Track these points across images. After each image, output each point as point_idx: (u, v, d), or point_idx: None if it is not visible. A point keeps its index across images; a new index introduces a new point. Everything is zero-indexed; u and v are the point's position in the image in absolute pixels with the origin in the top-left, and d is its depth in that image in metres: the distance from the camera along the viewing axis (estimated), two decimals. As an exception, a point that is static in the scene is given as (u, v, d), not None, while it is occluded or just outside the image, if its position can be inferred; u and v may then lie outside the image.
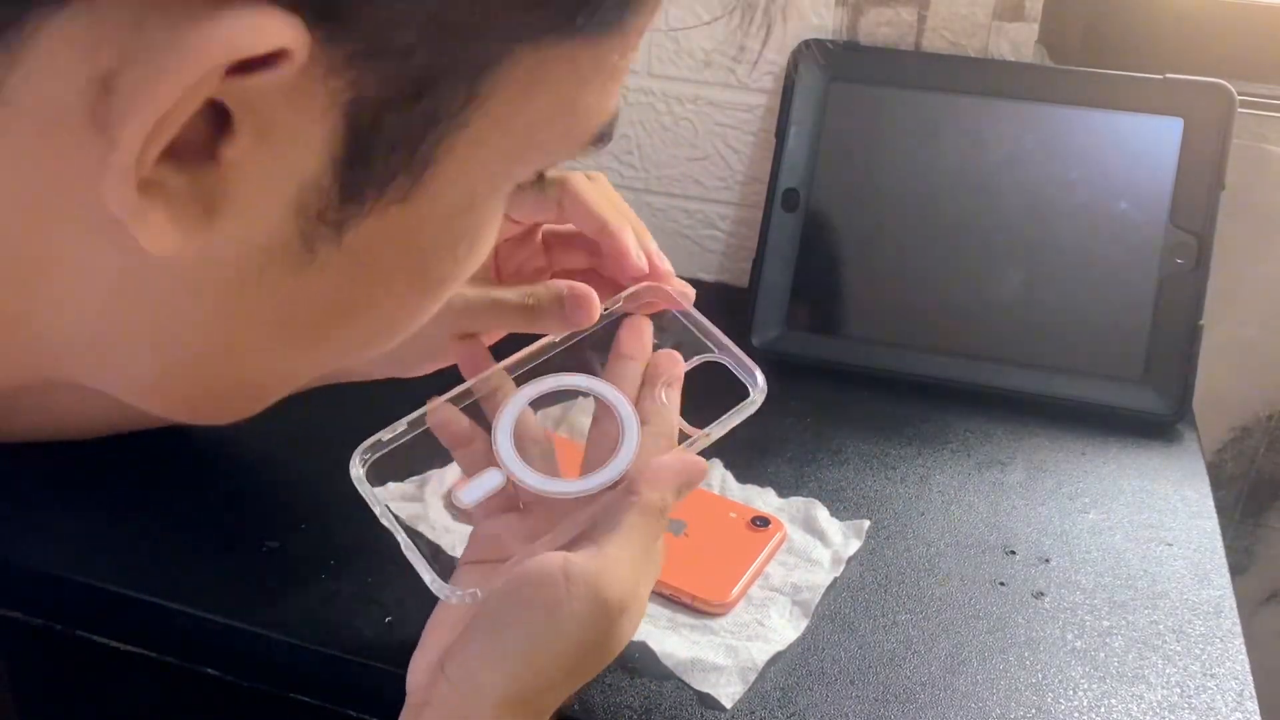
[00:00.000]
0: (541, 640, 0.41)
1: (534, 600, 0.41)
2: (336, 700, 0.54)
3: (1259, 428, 0.93)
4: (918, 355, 0.80)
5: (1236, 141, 0.76)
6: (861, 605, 0.57)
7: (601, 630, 0.42)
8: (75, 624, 0.58)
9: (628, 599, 0.43)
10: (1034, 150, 0.80)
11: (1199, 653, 0.55)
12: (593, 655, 0.43)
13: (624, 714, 0.49)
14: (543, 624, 0.41)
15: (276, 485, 0.64)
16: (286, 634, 0.53)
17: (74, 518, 0.60)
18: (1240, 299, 0.88)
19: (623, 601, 0.42)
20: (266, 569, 0.57)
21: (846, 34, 0.87)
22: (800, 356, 0.81)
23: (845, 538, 0.61)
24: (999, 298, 0.80)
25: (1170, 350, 0.76)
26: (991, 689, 0.52)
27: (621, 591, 0.42)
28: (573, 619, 0.41)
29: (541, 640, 0.41)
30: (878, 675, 0.52)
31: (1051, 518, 0.66)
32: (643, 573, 0.44)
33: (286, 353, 0.29)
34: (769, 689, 0.51)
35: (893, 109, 0.82)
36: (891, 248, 0.82)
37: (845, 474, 0.68)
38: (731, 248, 0.97)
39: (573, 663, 0.42)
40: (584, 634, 0.42)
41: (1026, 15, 0.83)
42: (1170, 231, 0.77)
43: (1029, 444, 0.74)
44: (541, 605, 0.41)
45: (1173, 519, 0.66)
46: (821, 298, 0.83)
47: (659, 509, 0.44)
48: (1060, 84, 0.79)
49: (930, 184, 0.81)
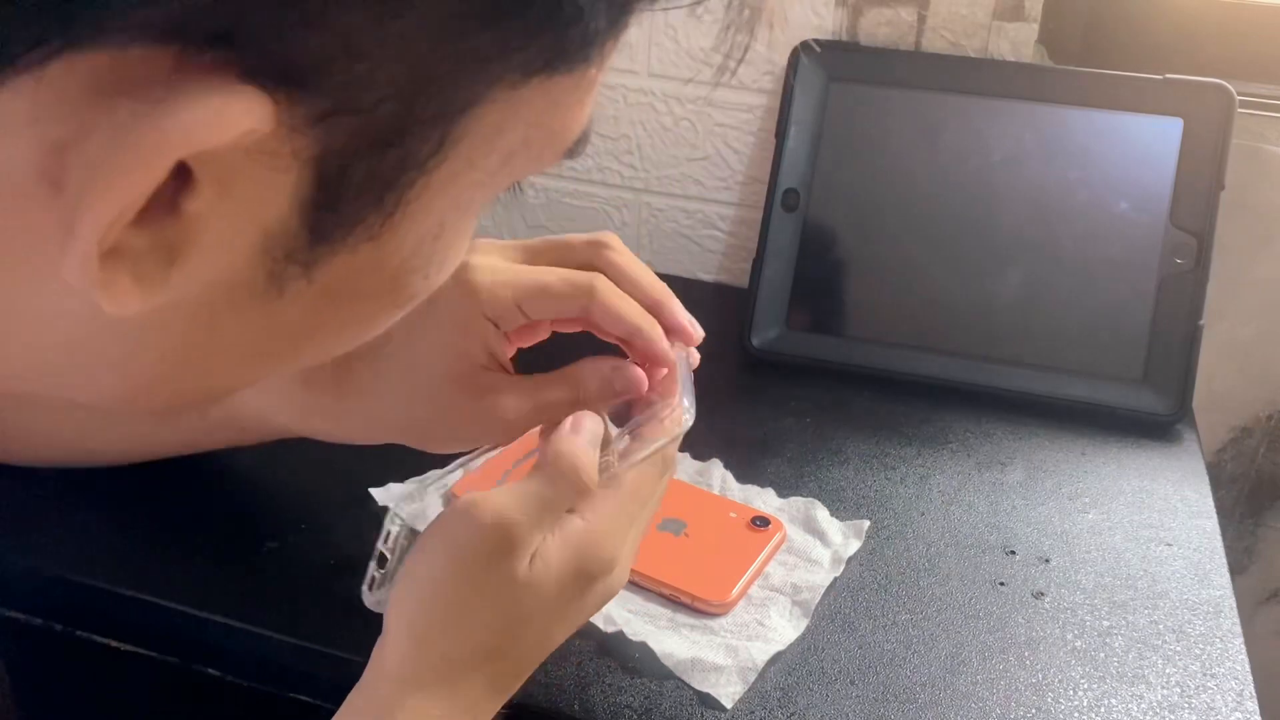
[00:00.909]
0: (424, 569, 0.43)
1: (429, 534, 0.44)
2: (336, 700, 0.54)
3: (1259, 428, 0.93)
4: (918, 355, 0.80)
5: (1236, 141, 0.76)
6: (861, 605, 0.57)
7: (478, 561, 0.43)
8: (75, 624, 0.58)
9: (504, 531, 0.42)
10: (1034, 150, 0.80)
11: (1199, 653, 0.55)
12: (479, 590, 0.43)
13: (624, 714, 0.49)
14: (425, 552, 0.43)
15: (276, 485, 0.64)
16: (286, 634, 0.53)
17: (74, 518, 0.60)
18: (1240, 299, 0.88)
19: (496, 531, 0.42)
20: (266, 569, 0.57)
21: (846, 34, 0.87)
22: (800, 356, 0.81)
23: (845, 538, 0.61)
24: (999, 298, 0.80)
25: (1170, 350, 0.76)
26: (991, 689, 0.52)
27: (493, 520, 0.42)
28: (445, 546, 0.43)
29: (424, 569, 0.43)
30: (878, 675, 0.52)
31: (1051, 518, 0.66)
32: (531, 511, 0.43)
33: (253, 367, 0.29)
34: (769, 689, 0.51)
35: (893, 109, 0.82)
36: (891, 248, 0.82)
37: (845, 474, 0.68)
38: (731, 248, 0.97)
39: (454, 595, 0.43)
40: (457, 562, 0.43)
41: (1026, 15, 0.83)
42: (1170, 231, 0.77)
43: (1029, 444, 0.74)
44: (427, 535, 0.44)
45: (1173, 519, 0.66)
46: (821, 298, 0.83)
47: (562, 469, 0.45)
48: (1060, 84, 0.79)
49: (930, 184, 0.81)
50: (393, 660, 0.43)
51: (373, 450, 0.56)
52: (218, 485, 0.64)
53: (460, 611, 0.43)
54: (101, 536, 0.59)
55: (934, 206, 0.81)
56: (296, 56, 0.20)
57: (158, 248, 0.22)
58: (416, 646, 0.43)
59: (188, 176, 0.21)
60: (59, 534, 0.59)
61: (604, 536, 0.45)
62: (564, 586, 0.44)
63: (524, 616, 0.44)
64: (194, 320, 0.25)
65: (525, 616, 0.44)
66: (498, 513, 0.43)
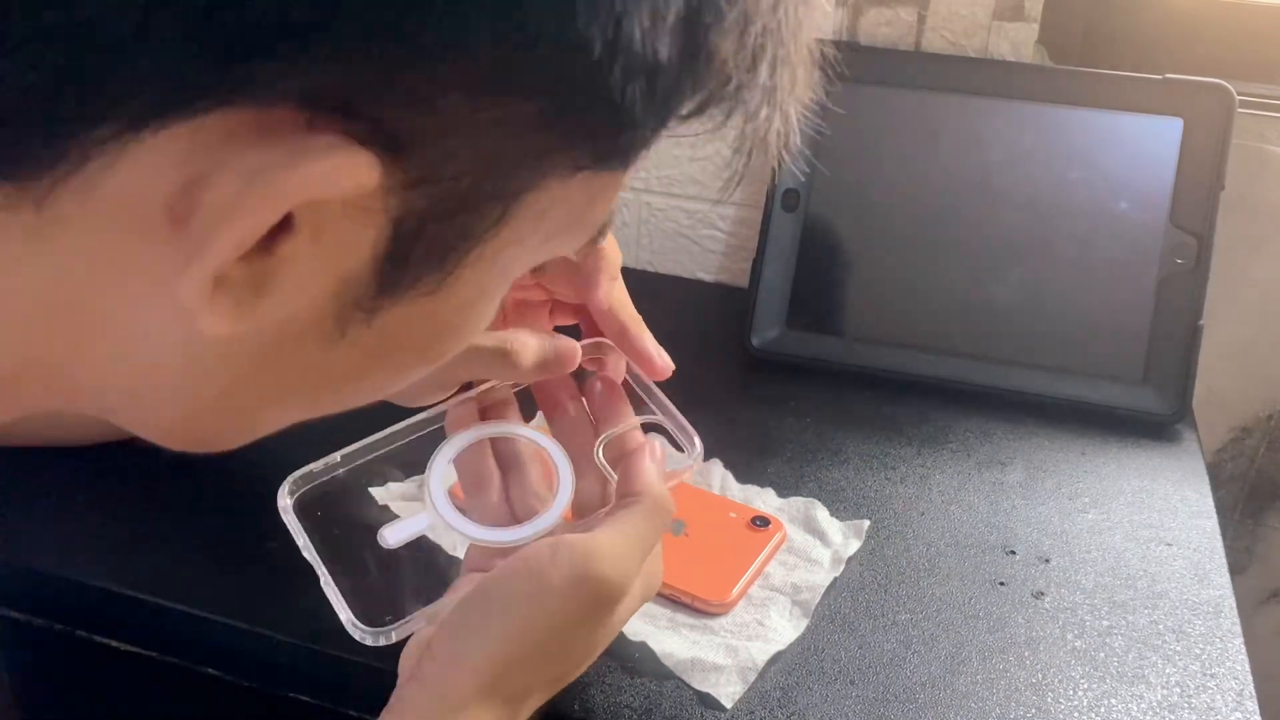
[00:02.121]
0: (523, 612, 0.41)
1: (520, 573, 0.42)
2: (336, 700, 0.54)
3: (1259, 428, 0.93)
4: (918, 355, 0.80)
5: (1236, 141, 0.76)
6: (861, 605, 0.57)
7: (586, 609, 0.42)
8: (75, 624, 0.58)
9: (617, 581, 0.42)
10: (1034, 150, 0.80)
11: (1199, 653, 0.55)
12: (578, 639, 0.43)
13: (624, 714, 0.49)
14: (525, 595, 0.41)
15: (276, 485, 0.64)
16: (286, 634, 0.53)
17: (74, 518, 0.60)
18: (1240, 299, 0.88)
19: (611, 582, 0.42)
20: (266, 569, 0.57)
21: (846, 34, 0.87)
22: (800, 356, 0.81)
23: (845, 538, 0.61)
24: (999, 298, 0.80)
25: (1170, 350, 0.76)
26: (991, 689, 0.52)
27: (611, 571, 0.42)
28: (555, 593, 0.41)
29: (523, 612, 0.41)
30: (878, 675, 0.52)
31: (1051, 518, 0.66)
32: (635, 559, 0.44)
33: (298, 408, 0.32)
34: (769, 689, 0.51)
35: (893, 109, 0.82)
36: (891, 248, 0.82)
37: (845, 474, 0.68)
38: (731, 248, 0.97)
39: (556, 642, 0.42)
40: (567, 608, 0.42)
41: (1026, 15, 0.83)
42: (1170, 231, 0.77)
43: (1029, 444, 0.74)
44: (526, 577, 0.42)
45: (1173, 519, 0.66)
46: (821, 298, 0.83)
47: (662, 506, 0.45)
48: (1060, 84, 0.79)
49: (930, 184, 0.81)
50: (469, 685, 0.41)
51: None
52: (218, 485, 0.64)
53: (560, 648, 0.43)
54: (101, 536, 0.59)
55: (934, 206, 0.81)
56: (404, 128, 0.23)
57: (251, 281, 0.25)
58: (502, 675, 0.41)
59: (288, 221, 0.24)
60: (59, 534, 0.59)
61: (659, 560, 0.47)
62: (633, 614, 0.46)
63: (601, 648, 0.45)
64: (264, 351, 0.28)
65: (602, 647, 0.45)
66: (618, 564, 0.43)
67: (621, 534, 0.43)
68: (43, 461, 0.63)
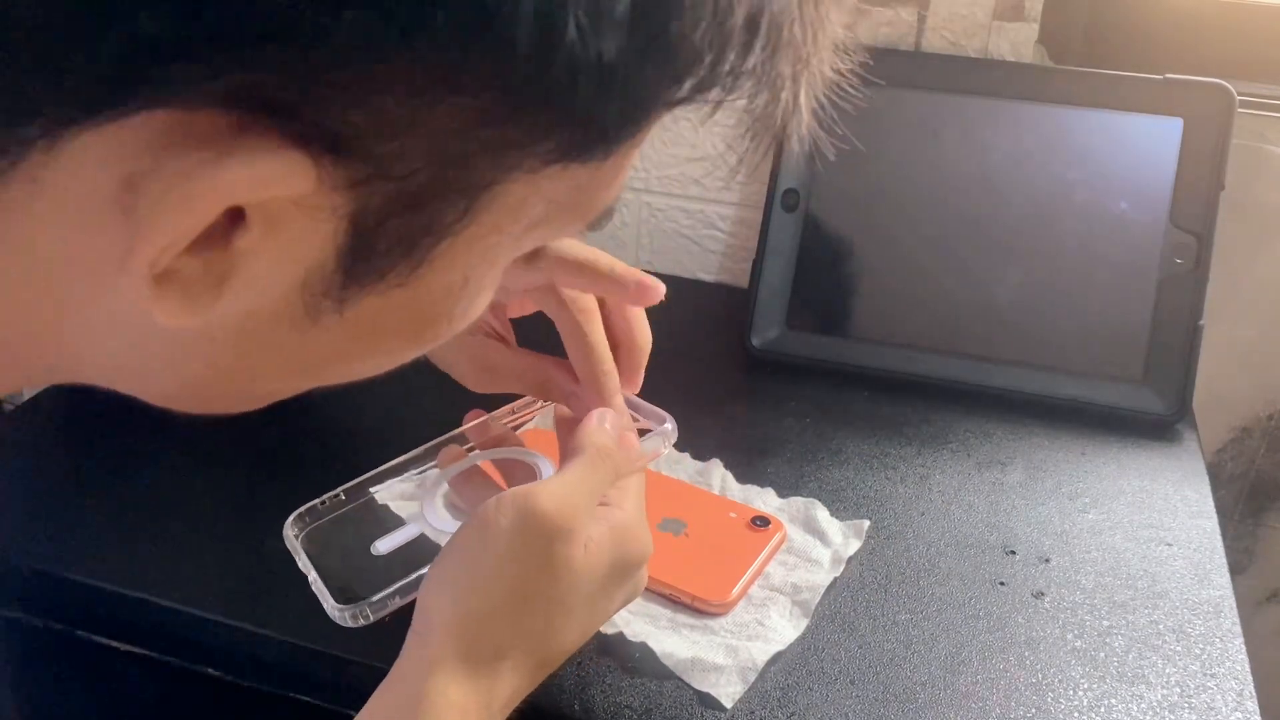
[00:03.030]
0: (475, 561, 0.43)
1: (470, 527, 0.44)
2: (336, 700, 0.54)
3: (1259, 428, 0.93)
4: (918, 355, 0.80)
5: (1236, 141, 0.76)
6: (861, 605, 0.57)
7: (533, 548, 0.43)
8: (75, 624, 0.58)
9: (560, 517, 0.43)
10: (1034, 150, 0.80)
11: (1199, 653, 0.55)
12: (536, 586, 0.43)
13: (624, 714, 0.49)
14: (475, 546, 0.43)
15: (277, 485, 0.64)
16: (286, 634, 0.53)
17: (74, 518, 0.60)
18: (1240, 299, 0.88)
19: (552, 517, 0.43)
20: (266, 569, 0.57)
21: (846, 34, 0.87)
22: (800, 356, 0.81)
23: (845, 538, 0.61)
24: (999, 298, 0.80)
25: (1170, 350, 0.76)
26: (991, 689, 0.52)
27: (551, 506, 0.43)
28: (501, 535, 0.43)
29: (475, 561, 0.43)
30: (878, 675, 0.52)
31: (1051, 518, 0.66)
32: (578, 500, 0.44)
33: (293, 381, 0.32)
34: (769, 689, 0.51)
35: (893, 109, 0.82)
36: (891, 248, 0.82)
37: (845, 474, 0.68)
38: (731, 248, 0.97)
39: (513, 589, 0.43)
40: (514, 548, 0.43)
41: (1026, 15, 0.83)
42: (1170, 231, 0.77)
43: (1029, 444, 0.74)
44: (475, 528, 0.43)
45: (1173, 519, 0.66)
46: (821, 298, 0.83)
47: (604, 453, 0.46)
48: (1060, 84, 0.79)
49: (930, 184, 0.81)
50: (437, 644, 0.43)
51: (373, 449, 0.56)
52: (218, 485, 0.64)
53: (518, 598, 0.43)
54: (101, 536, 0.59)
55: (934, 206, 0.81)
56: (340, 129, 0.23)
57: (209, 274, 0.25)
58: (467, 631, 0.43)
59: (241, 217, 0.24)
60: (59, 534, 0.59)
61: (639, 528, 0.47)
62: (609, 575, 0.46)
63: (573, 604, 0.45)
64: (237, 339, 0.28)
65: (574, 604, 0.45)
66: (559, 500, 0.44)
67: (561, 479, 0.45)
68: (44, 461, 0.63)
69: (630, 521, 0.47)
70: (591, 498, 0.46)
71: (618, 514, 0.46)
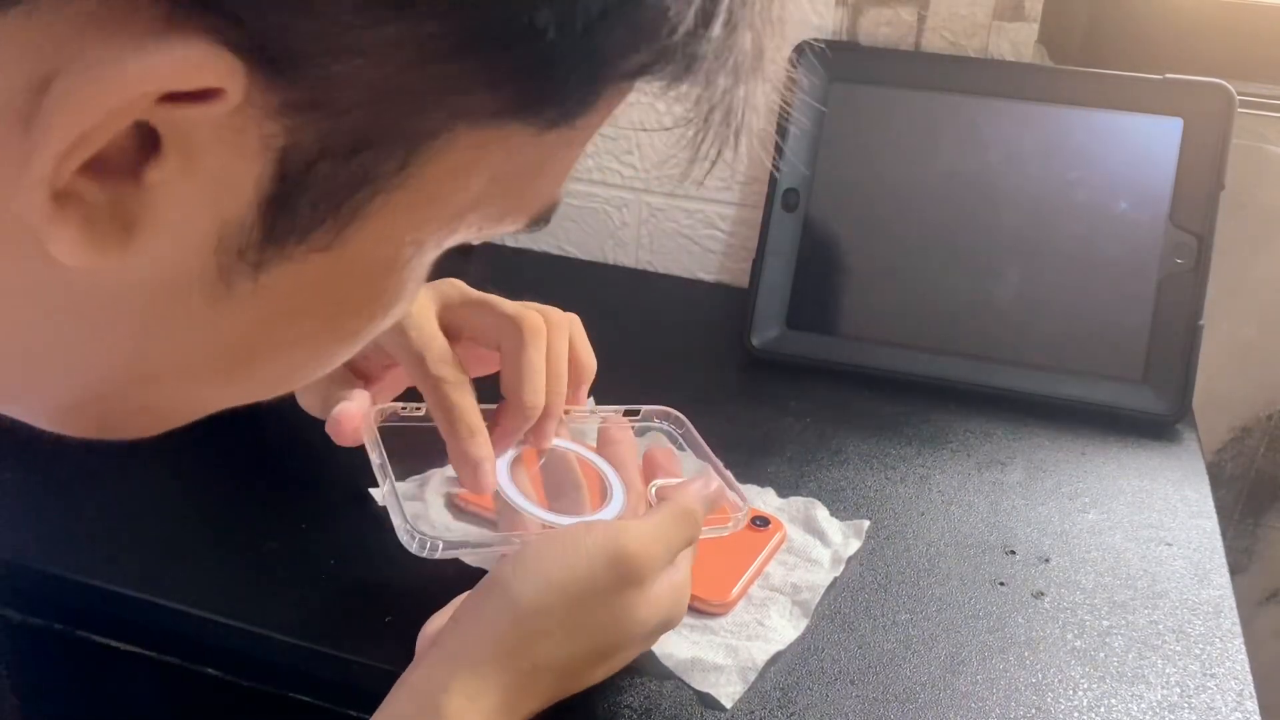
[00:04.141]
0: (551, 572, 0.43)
1: (555, 539, 0.44)
2: (336, 700, 0.54)
3: (1259, 428, 0.93)
4: (918, 355, 0.80)
5: (1236, 141, 0.76)
6: (861, 605, 0.57)
7: (609, 580, 0.43)
8: (75, 624, 0.58)
9: (642, 560, 0.44)
10: (1034, 150, 0.80)
11: (1199, 653, 0.55)
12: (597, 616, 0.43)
13: (624, 714, 0.49)
14: (556, 558, 0.43)
15: (276, 485, 0.64)
16: (286, 634, 0.53)
17: (74, 518, 0.60)
18: (1240, 299, 0.88)
19: (637, 559, 0.44)
20: (266, 569, 0.57)
21: (846, 34, 0.87)
22: (800, 356, 0.81)
23: (845, 538, 0.61)
24: (999, 298, 0.80)
25: (1170, 350, 0.76)
26: (991, 689, 0.52)
27: (638, 548, 0.44)
28: (583, 557, 0.43)
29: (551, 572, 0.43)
30: (878, 675, 0.52)
31: (1051, 518, 0.66)
32: (660, 549, 0.45)
33: (195, 385, 0.29)
34: (769, 689, 0.51)
35: (893, 109, 0.82)
36: (891, 248, 0.82)
37: (845, 474, 0.68)
38: (731, 248, 0.97)
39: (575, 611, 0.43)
40: (594, 573, 0.43)
41: (1026, 15, 0.83)
42: (1170, 231, 0.77)
43: (1029, 444, 0.74)
44: (560, 542, 0.44)
45: (1173, 519, 0.66)
46: (821, 298, 0.83)
47: (690, 514, 0.48)
48: (1060, 84, 0.79)
49: (930, 184, 0.81)
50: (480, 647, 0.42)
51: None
52: (218, 485, 0.64)
53: (574, 624, 0.43)
54: (101, 536, 0.59)
55: (934, 206, 0.81)
56: (280, 40, 0.21)
57: (117, 211, 0.22)
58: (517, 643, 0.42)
59: (155, 146, 0.22)
60: (59, 534, 0.59)
61: (686, 591, 0.48)
62: (654, 629, 0.47)
63: (617, 647, 0.46)
64: (145, 310, 0.25)
65: (618, 647, 0.46)
66: (645, 547, 0.44)
67: (651, 524, 0.46)
68: (43, 461, 0.63)
69: (685, 586, 0.48)
70: (670, 554, 0.47)
71: (677, 576, 0.47)
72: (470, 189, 0.26)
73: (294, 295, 0.26)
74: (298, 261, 0.25)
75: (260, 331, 0.27)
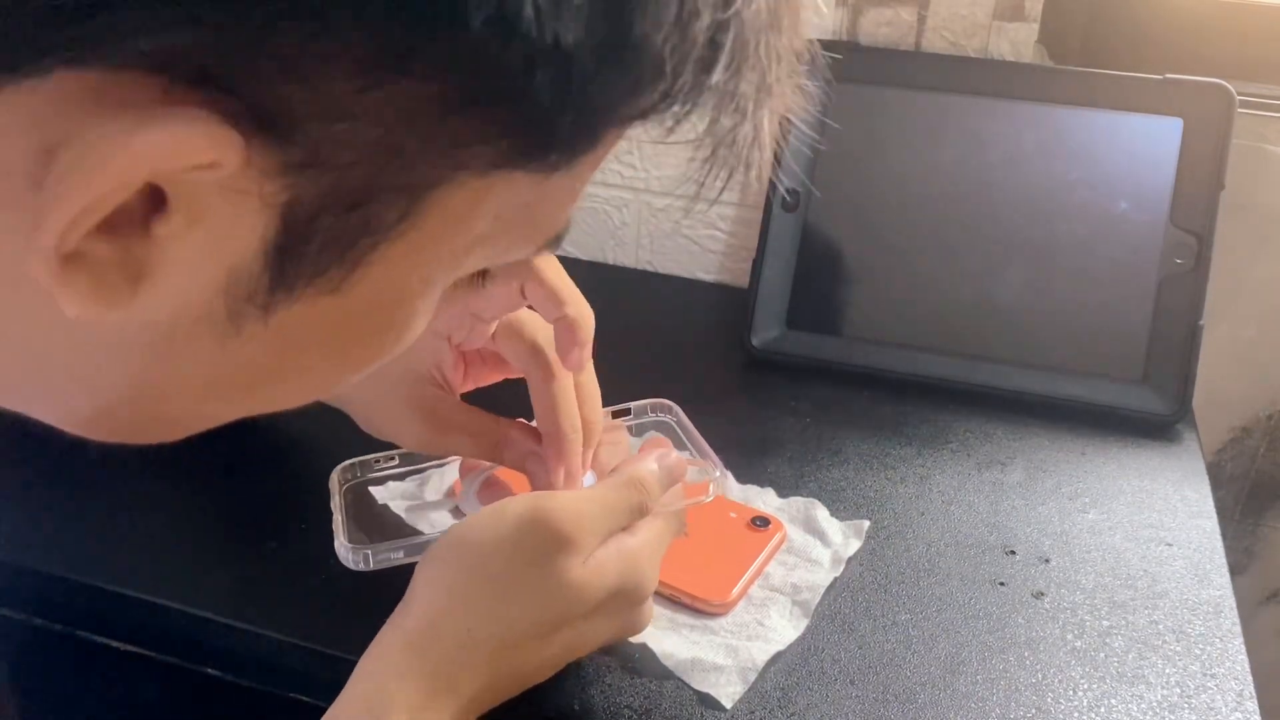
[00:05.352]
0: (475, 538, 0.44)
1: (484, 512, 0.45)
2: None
3: (1259, 428, 0.93)
4: (918, 355, 0.80)
5: (1236, 141, 0.76)
6: (861, 605, 0.57)
7: (533, 546, 0.43)
8: (75, 624, 0.58)
9: (567, 526, 0.43)
10: (1034, 150, 0.80)
11: (1199, 653, 0.55)
12: (523, 583, 0.43)
13: (624, 714, 0.49)
14: (481, 526, 0.44)
15: (277, 485, 0.64)
16: (286, 634, 0.53)
17: (74, 518, 0.60)
18: (1240, 299, 0.88)
19: (560, 524, 0.43)
20: (266, 569, 0.57)
21: (846, 34, 0.87)
22: (800, 356, 0.81)
23: (845, 538, 0.61)
24: (999, 298, 0.80)
25: (1170, 350, 0.76)
26: (991, 689, 0.52)
27: (562, 514, 0.44)
28: (505, 525, 0.43)
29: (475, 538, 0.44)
30: (878, 675, 0.52)
31: (1051, 518, 0.66)
32: (593, 519, 0.45)
33: (211, 403, 0.30)
34: (769, 689, 0.51)
35: (893, 109, 0.82)
36: (891, 248, 0.82)
37: (845, 474, 0.68)
38: (731, 248, 0.97)
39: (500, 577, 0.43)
40: (517, 538, 0.43)
41: (1026, 15, 0.83)
42: (1170, 231, 0.77)
43: (1029, 444, 0.74)
44: (488, 514, 0.44)
45: (1173, 519, 0.66)
46: (821, 298, 0.83)
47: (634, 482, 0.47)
48: (1060, 84, 0.79)
49: (930, 184, 0.81)
50: (415, 621, 0.43)
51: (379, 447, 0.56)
52: (218, 485, 0.64)
53: (504, 590, 0.43)
54: (101, 536, 0.59)
55: (934, 206, 0.81)
56: (276, 108, 0.21)
57: (126, 264, 0.23)
58: (445, 612, 0.43)
59: (163, 201, 0.22)
60: (59, 534, 0.59)
61: (647, 562, 0.47)
62: (604, 601, 0.45)
63: (559, 618, 0.44)
64: (155, 345, 0.26)
65: (560, 618, 0.45)
66: (571, 510, 0.44)
67: (583, 493, 0.45)
68: (43, 461, 0.63)
69: (639, 552, 0.46)
70: (607, 518, 0.45)
71: (629, 541, 0.46)
72: (475, 229, 0.27)
73: (303, 332, 0.27)
74: (306, 303, 0.26)
75: (271, 362, 0.28)
